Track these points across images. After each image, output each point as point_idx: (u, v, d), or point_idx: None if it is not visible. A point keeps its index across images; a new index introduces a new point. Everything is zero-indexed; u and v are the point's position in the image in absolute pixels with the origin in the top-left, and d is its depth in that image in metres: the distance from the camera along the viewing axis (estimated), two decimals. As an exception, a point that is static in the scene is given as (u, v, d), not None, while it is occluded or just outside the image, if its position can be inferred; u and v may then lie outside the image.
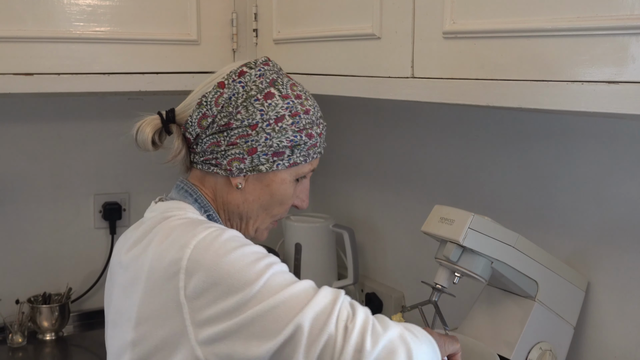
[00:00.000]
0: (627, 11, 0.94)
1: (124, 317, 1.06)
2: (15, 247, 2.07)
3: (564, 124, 1.50)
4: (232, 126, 1.11)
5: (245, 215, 1.18)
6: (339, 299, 0.99)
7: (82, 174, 2.13)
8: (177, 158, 1.15)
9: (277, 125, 1.12)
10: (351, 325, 0.96)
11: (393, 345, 0.97)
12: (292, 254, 2.08)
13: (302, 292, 0.98)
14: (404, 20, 1.31)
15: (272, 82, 1.14)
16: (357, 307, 1.00)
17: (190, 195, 1.16)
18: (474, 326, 1.47)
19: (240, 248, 0.99)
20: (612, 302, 1.43)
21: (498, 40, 1.13)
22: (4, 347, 1.95)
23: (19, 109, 2.03)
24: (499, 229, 1.32)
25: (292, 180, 1.17)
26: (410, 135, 1.96)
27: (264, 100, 1.12)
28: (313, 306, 0.96)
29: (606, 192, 1.43)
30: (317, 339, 0.94)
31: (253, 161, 1.12)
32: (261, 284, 0.96)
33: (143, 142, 1.15)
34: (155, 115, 1.16)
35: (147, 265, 1.02)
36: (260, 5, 1.79)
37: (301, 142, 1.15)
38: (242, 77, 1.13)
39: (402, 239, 2.02)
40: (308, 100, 1.18)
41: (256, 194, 1.16)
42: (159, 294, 0.99)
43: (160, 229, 1.06)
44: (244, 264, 0.97)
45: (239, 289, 0.95)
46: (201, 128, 1.12)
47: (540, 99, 1.06)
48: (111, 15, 1.68)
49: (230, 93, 1.12)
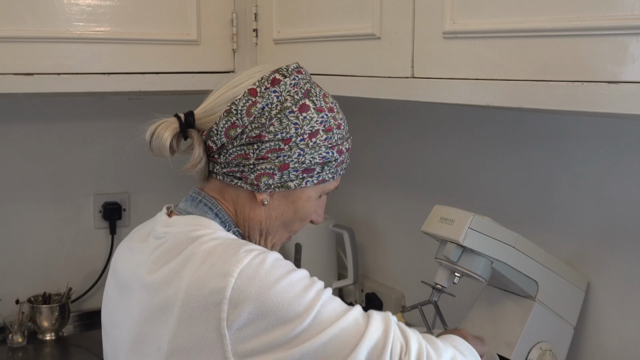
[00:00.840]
0: (627, 11, 0.94)
1: (151, 346, 0.98)
2: (15, 247, 2.07)
3: (564, 124, 1.50)
4: (264, 139, 1.04)
5: (266, 231, 1.11)
6: (391, 329, 0.95)
7: (82, 174, 2.13)
8: (198, 166, 1.07)
9: (311, 141, 1.06)
10: (406, 358, 0.93)
11: None
12: (292, 254, 2.08)
13: (354, 325, 0.93)
14: (404, 20, 1.31)
15: (306, 93, 1.07)
16: (409, 335, 0.96)
17: (210, 210, 1.07)
18: (474, 326, 1.47)
19: (287, 276, 0.93)
20: (612, 302, 1.43)
21: (498, 40, 1.13)
22: (4, 347, 1.95)
23: (19, 109, 2.03)
24: (499, 229, 1.32)
25: (316, 197, 1.12)
26: (410, 135, 1.96)
27: (299, 113, 1.05)
28: (366, 342, 0.91)
29: (606, 192, 1.43)
30: None
31: (282, 177, 1.06)
32: (312, 317, 0.91)
33: (160, 148, 1.05)
34: (173, 118, 1.07)
35: (183, 293, 0.94)
36: (260, 5, 1.79)
37: (332, 159, 1.09)
38: (276, 86, 1.05)
39: (402, 239, 2.02)
40: (339, 113, 1.12)
41: (280, 210, 1.10)
42: (197, 324, 0.93)
43: (193, 252, 0.97)
44: (293, 295, 0.91)
45: (288, 321, 0.90)
46: (228, 138, 1.04)
47: (540, 99, 1.06)
48: (111, 15, 1.68)
49: (264, 103, 1.04)
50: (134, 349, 1.03)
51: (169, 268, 0.98)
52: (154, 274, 1.00)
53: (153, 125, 1.06)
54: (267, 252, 0.97)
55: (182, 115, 1.07)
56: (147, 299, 1.00)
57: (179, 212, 1.10)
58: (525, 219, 1.59)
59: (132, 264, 1.06)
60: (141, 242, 1.08)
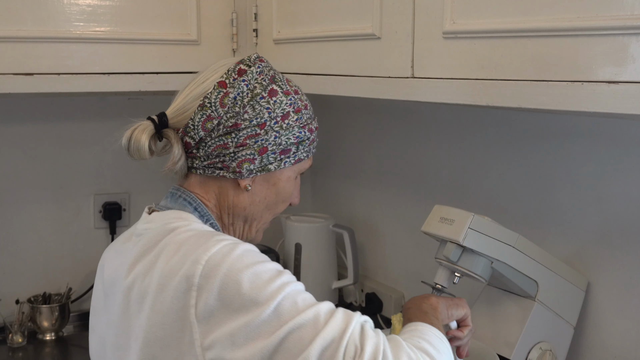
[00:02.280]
0: (627, 11, 0.94)
1: (130, 338, 1.01)
2: (15, 247, 2.07)
3: (564, 124, 1.50)
4: (240, 127, 1.08)
5: (251, 217, 1.15)
6: (349, 328, 0.92)
7: (82, 174, 2.13)
8: (176, 165, 1.09)
9: (284, 123, 1.10)
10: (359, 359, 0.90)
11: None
12: (292, 254, 2.08)
13: (312, 321, 0.91)
14: (404, 20, 1.31)
15: (272, 79, 1.12)
16: (367, 336, 0.93)
17: (189, 204, 1.10)
18: (474, 326, 1.47)
19: (254, 266, 0.94)
20: (612, 302, 1.43)
21: (498, 40, 1.13)
22: (4, 347, 1.95)
23: (19, 109, 2.03)
24: (499, 229, 1.32)
25: (294, 177, 1.16)
26: (410, 135, 1.96)
27: (269, 98, 1.10)
28: (320, 342, 0.90)
29: (606, 192, 1.43)
30: None
31: (262, 161, 1.10)
32: (272, 308, 0.91)
33: (139, 151, 1.08)
34: (147, 121, 1.10)
35: (155, 283, 0.97)
36: (260, 5, 1.79)
37: (305, 138, 1.14)
38: (243, 76, 1.10)
39: (402, 239, 2.02)
40: (303, 95, 1.17)
41: (263, 194, 1.13)
42: (169, 312, 0.94)
43: (167, 243, 1.00)
44: (256, 284, 0.92)
45: (249, 310, 0.91)
46: (206, 131, 1.08)
47: (540, 99, 1.06)
48: (111, 15, 1.68)
49: (236, 93, 1.08)
50: (117, 343, 1.05)
51: (146, 261, 1.01)
52: (134, 269, 1.02)
53: (128, 130, 1.09)
54: (239, 243, 0.98)
55: (155, 117, 1.10)
56: (127, 293, 1.02)
57: (160, 209, 1.12)
58: (525, 219, 1.59)
59: (116, 264, 1.08)
60: (125, 243, 1.11)
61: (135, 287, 1.01)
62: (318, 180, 2.44)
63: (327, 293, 2.08)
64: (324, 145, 2.39)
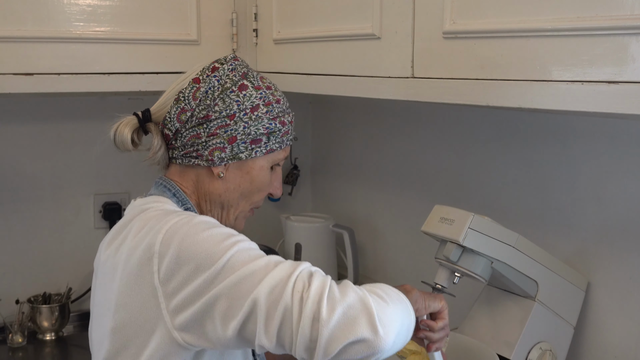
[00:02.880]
0: (627, 11, 0.94)
1: (104, 307, 1.10)
2: (15, 247, 2.07)
3: (564, 124, 1.50)
4: (211, 118, 1.16)
5: (227, 203, 1.21)
6: (297, 270, 0.98)
7: (82, 174, 2.13)
8: (157, 155, 1.20)
9: (253, 114, 1.17)
10: (306, 295, 0.95)
11: (353, 311, 0.95)
12: (292, 254, 2.08)
13: (263, 267, 0.98)
14: (404, 20, 1.31)
15: (244, 75, 1.20)
16: (316, 275, 0.98)
17: (168, 190, 1.19)
18: (474, 326, 1.47)
19: (209, 229, 1.02)
20: (612, 302, 1.43)
21: (498, 40, 1.13)
22: (4, 347, 1.95)
23: (19, 109, 2.03)
24: (499, 229, 1.32)
25: (268, 167, 1.22)
26: (410, 135, 1.96)
27: (239, 92, 1.18)
28: (269, 280, 0.96)
29: (606, 192, 1.43)
30: (274, 313, 0.95)
31: (233, 149, 1.17)
32: (225, 261, 0.98)
33: (123, 142, 1.19)
34: (132, 116, 1.21)
35: (125, 255, 1.06)
36: (260, 5, 1.79)
37: (276, 129, 1.20)
38: (215, 72, 1.19)
39: (402, 239, 2.02)
40: (277, 91, 1.23)
41: (237, 181, 1.20)
42: (136, 280, 1.03)
43: (137, 220, 1.10)
44: (210, 244, 1.00)
45: (205, 267, 0.98)
46: (180, 122, 1.17)
47: (540, 99, 1.06)
48: (111, 15, 1.68)
49: (207, 87, 1.17)
50: (97, 314, 1.15)
51: (119, 238, 1.11)
52: (109, 247, 1.13)
53: (115, 124, 1.21)
54: (198, 215, 1.08)
55: (139, 113, 1.21)
56: (102, 269, 1.14)
57: (144, 196, 1.22)
58: (525, 219, 1.59)
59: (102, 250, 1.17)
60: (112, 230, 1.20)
61: (108, 262, 1.11)
62: (318, 180, 2.44)
63: (327, 293, 2.08)
64: (324, 145, 2.40)
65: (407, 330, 1.03)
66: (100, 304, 1.13)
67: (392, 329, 0.97)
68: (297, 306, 0.94)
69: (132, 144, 1.20)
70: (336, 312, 0.94)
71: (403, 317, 1.01)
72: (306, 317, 0.93)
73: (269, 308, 0.95)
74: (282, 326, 0.95)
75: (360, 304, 0.96)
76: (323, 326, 0.93)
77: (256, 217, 2.41)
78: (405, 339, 1.03)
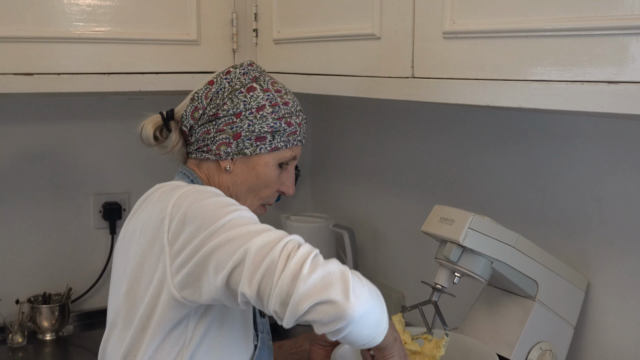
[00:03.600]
0: (627, 11, 0.94)
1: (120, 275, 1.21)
2: (15, 247, 2.07)
3: (564, 124, 1.50)
4: (219, 115, 1.26)
5: (235, 196, 1.29)
6: (290, 237, 1.05)
7: (82, 174, 2.13)
8: (175, 149, 1.31)
9: (258, 114, 1.26)
10: (293, 253, 1.01)
11: (331, 277, 1.00)
12: (292, 254, 2.08)
13: (259, 229, 1.06)
14: (404, 20, 1.31)
15: (254, 79, 1.29)
16: (306, 244, 1.05)
17: (187, 177, 1.29)
18: (474, 326, 1.47)
19: (216, 197, 1.12)
20: (612, 302, 1.43)
21: (498, 40, 1.13)
22: (4, 347, 1.95)
23: (19, 109, 2.03)
24: (499, 229, 1.32)
25: (274, 165, 1.29)
26: (410, 135, 1.96)
27: (246, 93, 1.27)
28: (263, 237, 1.03)
29: (606, 192, 1.43)
30: (260, 263, 1.01)
31: (238, 145, 1.26)
32: (226, 220, 1.06)
33: (146, 137, 1.31)
34: (157, 115, 1.32)
35: (141, 222, 1.17)
36: (260, 5, 1.79)
37: (281, 129, 1.27)
38: (228, 75, 1.29)
39: (402, 239, 2.02)
40: (287, 94, 1.31)
41: (243, 176, 1.28)
42: (150, 242, 1.13)
43: (154, 195, 1.20)
44: (215, 207, 1.09)
45: (206, 226, 1.06)
46: (194, 120, 1.28)
47: (540, 99, 1.06)
48: (111, 15, 1.68)
49: (218, 88, 1.28)
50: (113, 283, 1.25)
51: (138, 212, 1.22)
52: (130, 221, 1.24)
53: (142, 121, 1.32)
54: (208, 187, 1.17)
55: (164, 112, 1.32)
56: (122, 238, 1.25)
57: None
58: (525, 219, 1.59)
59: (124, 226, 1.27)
60: None
61: (127, 233, 1.22)
62: (318, 180, 2.44)
63: (327, 293, 2.08)
64: (324, 145, 2.40)
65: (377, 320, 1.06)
66: (117, 272, 1.23)
67: (363, 302, 1.01)
68: (283, 261, 1.00)
69: (155, 139, 1.31)
70: (316, 273, 1.00)
71: (375, 305, 1.06)
72: (288, 271, 0.99)
73: (256, 258, 1.01)
74: (264, 277, 1.00)
75: (340, 273, 1.02)
76: (301, 282, 0.98)
77: (256, 217, 2.42)
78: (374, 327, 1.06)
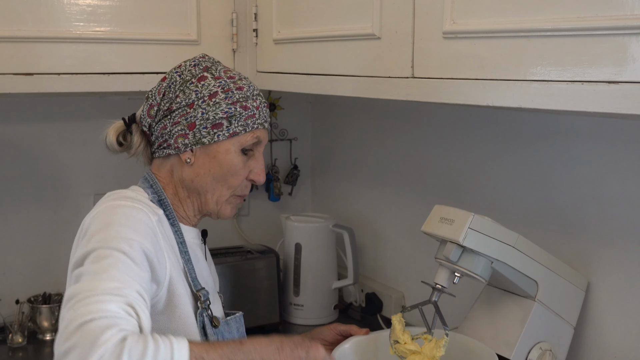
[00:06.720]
0: (627, 11, 0.94)
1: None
2: (15, 247, 2.07)
3: (564, 124, 1.50)
4: (173, 109, 1.27)
5: (202, 189, 1.29)
6: (120, 324, 0.97)
7: (82, 174, 2.13)
8: (138, 150, 1.32)
9: (211, 101, 1.25)
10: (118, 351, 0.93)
11: None
12: (292, 254, 2.08)
13: (105, 288, 1.02)
14: (404, 20, 1.31)
15: (205, 69, 1.29)
16: (122, 317, 1.00)
17: (147, 181, 1.30)
18: (474, 326, 1.47)
19: (113, 225, 1.13)
20: (612, 302, 1.43)
21: (498, 40, 1.13)
22: (4, 347, 1.95)
23: (19, 109, 2.03)
24: (499, 229, 1.32)
25: (236, 151, 1.28)
26: (410, 135, 1.96)
27: (197, 83, 1.27)
28: (97, 299, 1.00)
29: (606, 192, 1.43)
30: (76, 335, 0.95)
31: (195, 135, 1.26)
32: (89, 251, 1.08)
33: (110, 144, 1.32)
34: (120, 121, 1.34)
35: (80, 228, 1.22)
36: (260, 5, 1.79)
37: (236, 113, 1.26)
38: (179, 68, 1.30)
39: (402, 239, 2.02)
40: (242, 80, 1.30)
41: (206, 166, 1.27)
42: (79, 242, 1.18)
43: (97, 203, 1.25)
44: (103, 234, 1.12)
45: (84, 245, 1.11)
46: (151, 118, 1.29)
47: (540, 99, 1.06)
48: (111, 15, 1.68)
49: (169, 82, 1.29)
50: None
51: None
52: None
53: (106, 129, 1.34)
54: (131, 207, 1.17)
55: (127, 117, 1.34)
56: None
57: None
58: (525, 219, 1.59)
59: None
60: None
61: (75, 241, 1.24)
62: (318, 180, 2.44)
63: (327, 293, 2.08)
64: (324, 145, 2.40)
65: None
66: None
67: None
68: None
69: (120, 145, 1.32)
70: None
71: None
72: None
73: (75, 323, 0.96)
74: (76, 349, 0.93)
75: None
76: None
77: (256, 217, 2.43)
78: None
